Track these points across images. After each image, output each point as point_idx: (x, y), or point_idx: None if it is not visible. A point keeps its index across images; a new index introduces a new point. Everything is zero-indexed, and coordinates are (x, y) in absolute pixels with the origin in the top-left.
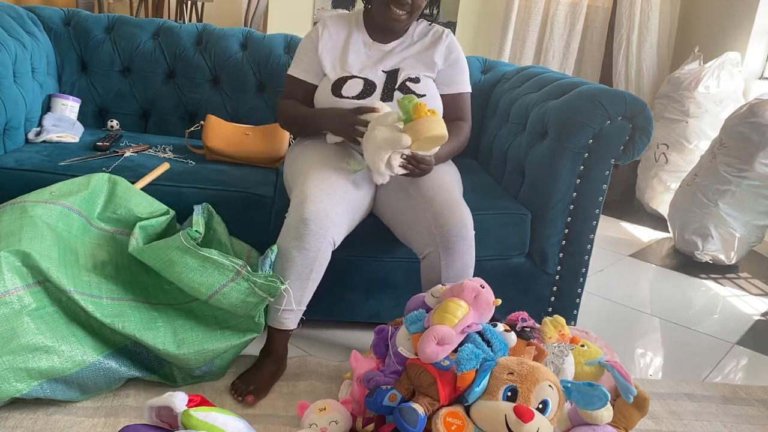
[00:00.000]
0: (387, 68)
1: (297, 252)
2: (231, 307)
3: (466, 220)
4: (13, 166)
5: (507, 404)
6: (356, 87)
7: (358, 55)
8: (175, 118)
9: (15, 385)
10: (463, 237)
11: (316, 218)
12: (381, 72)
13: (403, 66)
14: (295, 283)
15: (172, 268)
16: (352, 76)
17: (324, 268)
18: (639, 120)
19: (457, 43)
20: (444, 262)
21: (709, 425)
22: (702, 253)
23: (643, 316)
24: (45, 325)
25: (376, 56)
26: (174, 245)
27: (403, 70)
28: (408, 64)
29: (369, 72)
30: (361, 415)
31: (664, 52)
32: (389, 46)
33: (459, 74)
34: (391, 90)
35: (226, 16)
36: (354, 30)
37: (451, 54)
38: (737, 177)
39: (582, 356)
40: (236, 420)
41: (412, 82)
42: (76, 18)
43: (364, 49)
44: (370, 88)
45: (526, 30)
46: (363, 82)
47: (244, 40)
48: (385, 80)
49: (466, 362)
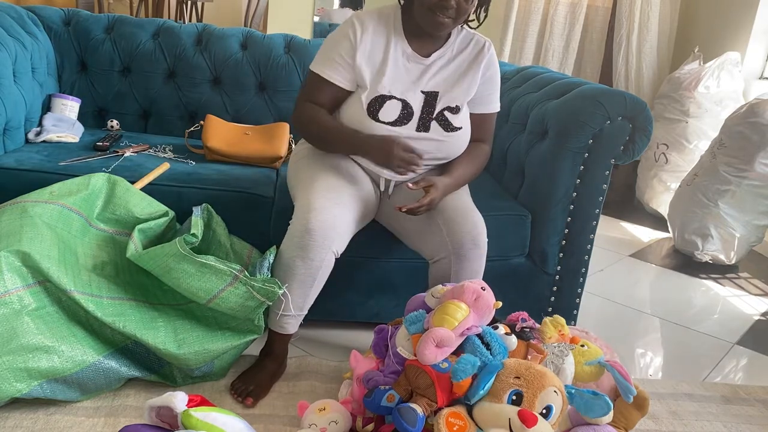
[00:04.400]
0: (426, 88)
1: (300, 261)
2: (230, 311)
3: (480, 227)
4: (13, 166)
5: (511, 408)
6: (394, 111)
7: (398, 70)
8: (175, 118)
9: (15, 385)
10: (476, 244)
11: (321, 229)
12: (420, 93)
13: (442, 89)
14: (297, 291)
15: (170, 274)
16: (390, 97)
17: (327, 276)
18: (639, 120)
19: (496, 57)
20: (455, 268)
21: (709, 425)
22: (702, 253)
23: (643, 316)
24: (45, 325)
25: (415, 72)
26: (171, 252)
27: (442, 96)
28: (448, 87)
29: (408, 92)
30: (361, 415)
31: (664, 52)
32: (430, 59)
33: (492, 92)
34: (428, 120)
35: (226, 16)
36: (393, 36)
37: (488, 70)
38: (737, 177)
39: (582, 356)
40: (236, 420)
41: (451, 113)
42: (76, 18)
43: (404, 61)
44: (408, 114)
45: (525, 30)
46: (401, 104)
47: (244, 40)
48: (423, 105)
49: (461, 372)
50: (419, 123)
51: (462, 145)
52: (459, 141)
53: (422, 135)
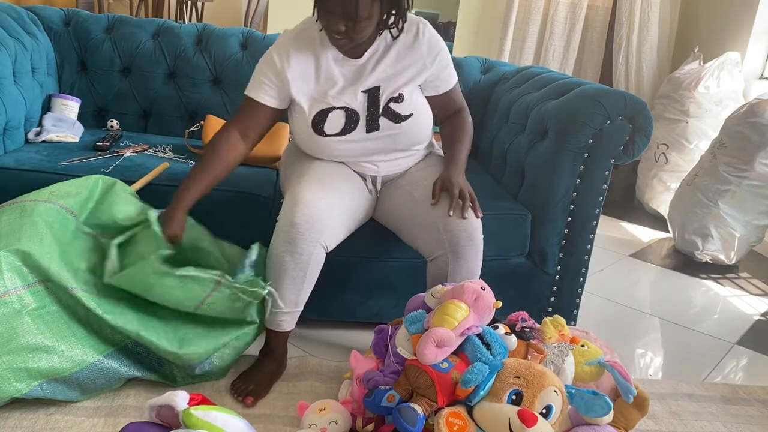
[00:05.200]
0: (367, 87)
1: (289, 256)
2: (220, 314)
3: (475, 223)
4: (13, 166)
5: (511, 407)
6: (338, 120)
7: (333, 79)
8: (175, 118)
9: (15, 385)
10: (472, 241)
11: (307, 222)
12: (361, 93)
13: (383, 82)
14: (289, 287)
15: (153, 290)
16: (331, 108)
17: (318, 270)
18: (639, 120)
19: (436, 34)
20: (452, 266)
21: (709, 425)
22: (702, 253)
23: (643, 316)
24: (45, 325)
25: (352, 75)
26: (149, 271)
27: (384, 89)
28: (388, 78)
29: (348, 97)
30: (361, 415)
31: (664, 52)
32: (363, 58)
33: (446, 69)
34: (375, 118)
35: (226, 16)
36: (320, 47)
37: (433, 50)
38: (737, 177)
39: (582, 356)
40: (236, 419)
41: (396, 102)
42: (76, 18)
43: (337, 67)
44: (353, 119)
45: (526, 30)
46: (344, 112)
47: (244, 40)
48: (367, 104)
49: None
50: (367, 124)
51: (418, 129)
52: (414, 127)
53: (373, 135)
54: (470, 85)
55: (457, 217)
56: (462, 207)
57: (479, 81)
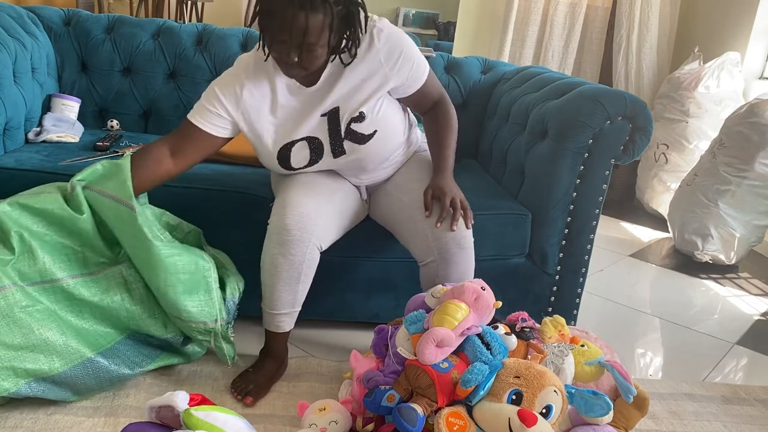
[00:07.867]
0: (325, 109)
1: (282, 259)
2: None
3: (464, 232)
4: (13, 166)
5: (511, 407)
6: (303, 153)
7: (291, 111)
8: (175, 118)
9: (1, 383)
10: (461, 247)
11: (297, 223)
12: (320, 117)
13: (342, 102)
14: (284, 289)
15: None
16: (293, 142)
17: (314, 269)
18: (639, 120)
19: (393, 33)
20: (443, 272)
21: (709, 425)
22: (702, 253)
23: (643, 316)
24: (35, 323)
25: (309, 102)
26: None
27: (344, 109)
28: (347, 96)
29: (309, 125)
30: (361, 415)
31: (664, 52)
32: (318, 83)
33: (414, 68)
34: (339, 142)
35: (226, 16)
36: (275, 76)
37: (392, 56)
38: (737, 177)
39: (582, 356)
40: (237, 419)
41: (357, 122)
42: (76, 18)
43: (293, 97)
44: (318, 148)
45: (525, 30)
46: (307, 143)
47: (244, 40)
48: (328, 128)
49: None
50: (333, 150)
51: (385, 146)
52: (380, 145)
53: (342, 159)
54: (470, 85)
55: (445, 229)
56: (452, 217)
57: (479, 81)
